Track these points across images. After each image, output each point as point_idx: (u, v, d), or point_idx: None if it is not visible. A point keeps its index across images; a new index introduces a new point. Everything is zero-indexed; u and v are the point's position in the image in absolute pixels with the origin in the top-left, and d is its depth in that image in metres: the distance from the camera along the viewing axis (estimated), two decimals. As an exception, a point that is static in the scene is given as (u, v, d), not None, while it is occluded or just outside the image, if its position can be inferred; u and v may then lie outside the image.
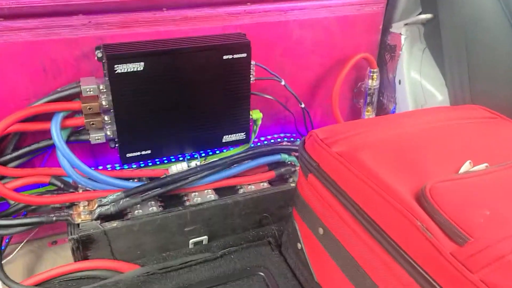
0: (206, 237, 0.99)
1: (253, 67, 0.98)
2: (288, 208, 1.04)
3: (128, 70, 0.86)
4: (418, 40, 1.19)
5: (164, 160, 1.07)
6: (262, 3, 1.04)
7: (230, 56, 0.93)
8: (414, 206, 0.57)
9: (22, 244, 1.04)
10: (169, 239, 0.96)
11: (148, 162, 1.05)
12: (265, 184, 1.06)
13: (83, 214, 0.91)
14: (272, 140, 1.23)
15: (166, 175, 0.98)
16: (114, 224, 0.90)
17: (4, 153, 0.92)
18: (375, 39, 1.23)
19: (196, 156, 1.04)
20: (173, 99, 0.93)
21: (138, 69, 0.86)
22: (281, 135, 1.24)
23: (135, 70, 0.86)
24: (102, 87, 0.88)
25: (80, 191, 0.95)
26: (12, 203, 0.93)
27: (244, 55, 0.95)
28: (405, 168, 0.65)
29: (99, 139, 0.93)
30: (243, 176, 1.05)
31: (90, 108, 0.89)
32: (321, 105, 1.25)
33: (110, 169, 1.06)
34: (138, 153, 0.96)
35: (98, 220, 0.90)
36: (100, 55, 0.88)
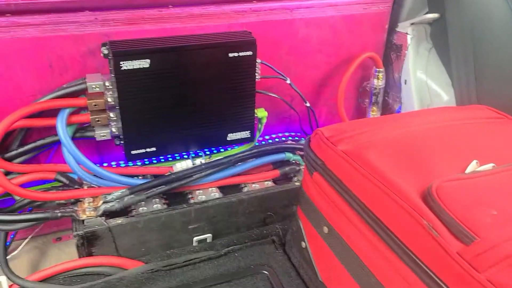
0: (210, 235, 0.99)
1: (258, 65, 0.98)
2: (292, 207, 1.04)
3: (134, 67, 0.86)
4: (425, 40, 1.19)
5: (169, 157, 1.07)
6: (268, 1, 1.04)
7: (235, 54, 0.93)
8: (421, 205, 0.57)
9: (27, 240, 1.05)
10: (173, 237, 0.96)
11: (153, 160, 1.05)
12: (269, 182, 1.06)
13: (88, 210, 0.91)
14: (276, 139, 1.22)
15: (171, 172, 0.98)
16: (119, 220, 0.90)
17: (10, 149, 0.92)
18: (381, 39, 1.22)
19: (201, 154, 1.04)
20: (178, 96, 0.93)
21: (144, 66, 0.86)
22: (285, 134, 1.24)
23: (141, 67, 0.86)
24: (108, 83, 0.88)
25: (85, 188, 0.95)
26: (17, 198, 0.93)
27: (250, 53, 0.94)
28: (411, 167, 0.65)
29: (104, 135, 0.93)
30: (247, 174, 1.05)
31: (95, 105, 0.89)
32: (326, 104, 1.24)
33: (115, 166, 1.06)
34: (143, 150, 0.96)
35: (102, 217, 0.91)
36: (106, 52, 0.88)
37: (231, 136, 1.03)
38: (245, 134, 1.05)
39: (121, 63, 0.85)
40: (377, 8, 1.17)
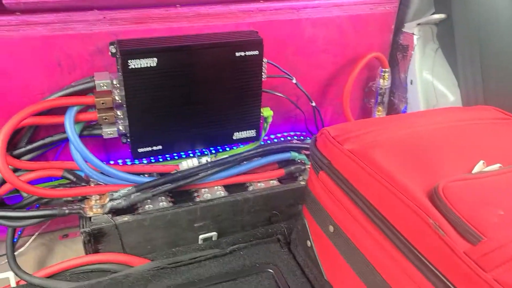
0: (216, 233, 1.00)
1: (264, 64, 0.98)
2: (297, 206, 1.05)
3: (142, 66, 0.86)
4: (431, 40, 1.19)
5: (175, 156, 1.08)
6: (275, 1, 1.04)
7: (242, 53, 0.94)
8: (427, 204, 0.57)
9: (34, 237, 1.06)
10: (179, 235, 0.96)
11: (159, 158, 1.06)
12: (274, 181, 1.06)
13: (94, 207, 0.91)
14: (282, 138, 1.23)
15: (177, 171, 0.98)
16: (125, 218, 0.91)
17: (18, 146, 0.93)
18: (387, 39, 1.22)
19: (207, 153, 1.05)
20: (185, 95, 0.93)
21: (151, 64, 0.87)
22: (291, 133, 1.25)
23: (148, 65, 0.87)
24: (115, 82, 0.89)
25: (92, 185, 0.96)
26: (25, 195, 0.94)
27: (256, 52, 0.95)
28: (417, 167, 0.65)
29: (111, 133, 0.94)
30: (253, 173, 1.06)
31: (103, 103, 0.90)
32: (332, 104, 1.25)
33: (121, 164, 1.06)
34: (150, 148, 0.97)
35: (109, 214, 0.91)
36: (114, 51, 0.89)
37: (237, 135, 1.04)
38: (251, 133, 1.05)
39: (128, 61, 0.85)
40: (383, 9, 1.17)
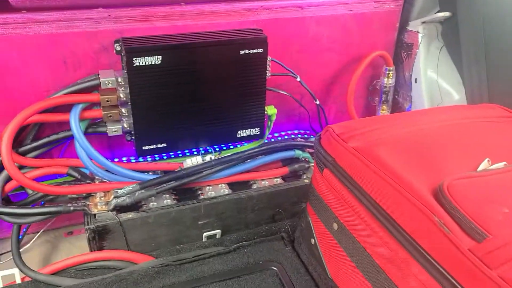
0: (220, 231, 1.00)
1: (269, 62, 0.99)
2: (301, 204, 1.05)
3: (146, 63, 0.87)
4: (436, 39, 1.18)
5: (179, 153, 1.08)
6: (279, -1, 1.04)
7: (246, 51, 0.94)
8: (432, 202, 0.57)
9: (39, 234, 1.06)
10: (183, 232, 0.97)
11: (163, 156, 1.06)
12: (278, 179, 1.07)
13: (99, 204, 0.92)
14: (286, 136, 1.23)
15: (181, 168, 0.98)
16: (130, 215, 0.91)
17: (23, 143, 0.93)
18: (392, 37, 1.22)
19: (211, 151, 1.05)
20: (189, 92, 0.94)
21: (156, 62, 0.87)
22: (295, 131, 1.25)
23: (152, 63, 0.87)
24: (120, 79, 0.89)
25: (96, 182, 0.96)
26: (30, 192, 0.94)
27: (261, 50, 0.95)
28: (422, 165, 0.65)
29: (116, 131, 0.94)
30: (257, 171, 1.06)
31: (108, 101, 0.91)
32: (336, 102, 1.25)
33: (126, 161, 1.07)
34: (154, 146, 0.97)
35: (114, 211, 0.92)
36: (118, 48, 0.89)
37: (241, 133, 1.04)
38: (255, 131, 1.05)
39: (133, 59, 0.86)
40: (388, 7, 1.17)
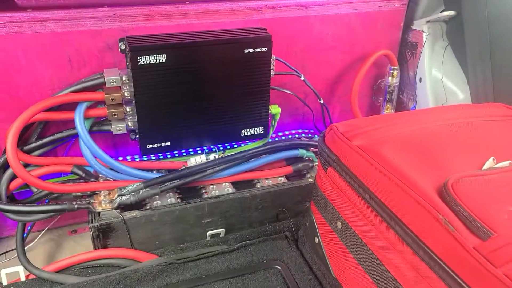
0: (223, 229, 1.00)
1: (273, 61, 0.99)
2: (305, 203, 1.05)
3: (151, 62, 0.87)
4: (440, 38, 1.18)
5: (183, 152, 1.08)
6: (284, -2, 1.04)
7: (250, 50, 0.94)
8: (437, 200, 0.57)
9: (43, 232, 1.06)
10: (186, 231, 0.97)
11: (167, 154, 1.06)
12: (282, 178, 1.07)
13: (103, 203, 0.92)
14: (290, 136, 1.23)
15: (185, 167, 0.99)
16: (134, 213, 0.91)
17: (28, 141, 0.94)
18: (396, 36, 1.22)
19: (215, 149, 1.05)
20: (193, 91, 0.94)
21: (160, 61, 0.87)
22: (299, 130, 1.24)
23: (157, 62, 0.87)
24: (125, 78, 0.90)
25: (101, 181, 0.96)
26: (35, 190, 0.95)
27: (265, 49, 0.95)
28: (426, 163, 0.65)
29: (120, 129, 0.94)
30: (260, 170, 1.06)
31: (112, 99, 0.91)
32: (340, 101, 1.24)
33: (130, 160, 1.07)
34: (158, 144, 0.97)
35: (118, 209, 0.92)
36: (123, 47, 0.90)
37: (245, 132, 1.04)
38: (259, 130, 1.05)
39: (138, 58, 0.86)
40: (392, 6, 1.16)
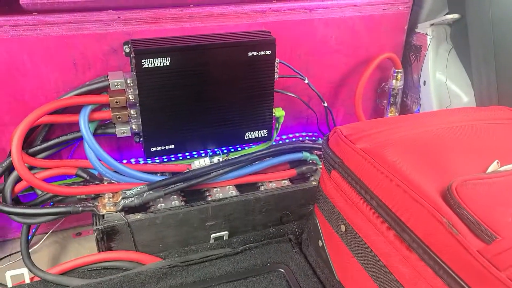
0: (227, 232, 1.00)
1: (277, 64, 0.99)
2: (308, 206, 1.04)
3: (155, 65, 0.87)
4: (444, 41, 1.18)
5: (187, 155, 1.09)
6: (287, 1, 1.05)
7: (254, 53, 0.94)
8: (440, 203, 0.57)
9: (48, 235, 1.07)
10: (190, 233, 0.97)
11: (171, 157, 1.07)
12: (286, 181, 1.07)
13: (108, 205, 0.92)
14: (294, 139, 1.23)
15: (189, 170, 0.99)
16: (138, 216, 0.91)
17: (33, 144, 0.94)
18: (400, 39, 1.22)
19: (219, 152, 1.05)
20: (197, 94, 0.94)
21: (165, 64, 0.88)
22: (303, 133, 1.24)
23: (161, 65, 0.88)
24: (129, 81, 0.90)
25: (105, 183, 0.97)
26: (40, 193, 0.95)
27: (269, 52, 0.95)
28: (430, 166, 0.65)
29: (124, 132, 0.95)
30: (264, 173, 1.06)
31: (117, 102, 0.91)
32: (344, 104, 1.24)
33: (134, 162, 1.07)
34: (162, 147, 0.97)
35: (122, 212, 0.92)
36: (128, 50, 0.90)
37: (249, 135, 1.04)
38: (262, 133, 1.05)
39: (142, 61, 0.86)
40: (396, 9, 1.16)
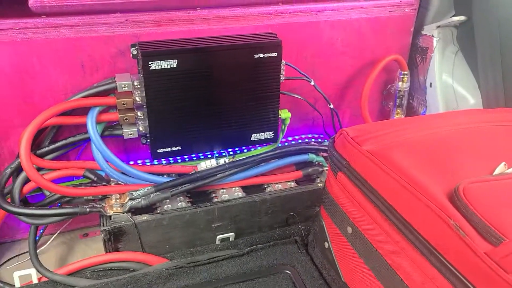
0: (233, 233, 1.00)
1: (283, 66, 0.99)
2: (315, 208, 1.04)
3: (162, 67, 0.88)
4: (451, 43, 1.18)
5: (193, 157, 1.09)
6: (294, 4, 1.05)
7: (261, 55, 0.94)
8: (447, 205, 0.57)
9: (55, 235, 1.08)
10: (197, 235, 0.97)
11: (178, 159, 1.07)
12: (292, 183, 1.07)
13: (115, 206, 0.93)
14: (300, 140, 1.23)
15: (195, 171, 0.99)
16: (144, 217, 0.92)
17: (41, 145, 0.95)
18: (406, 41, 1.21)
19: (225, 154, 1.06)
20: (204, 96, 0.95)
21: (172, 66, 0.88)
22: (309, 135, 1.24)
23: (168, 67, 0.88)
24: (136, 83, 0.91)
25: (112, 185, 0.97)
26: (47, 194, 0.96)
27: (275, 54, 0.96)
28: (437, 168, 0.65)
29: (131, 134, 0.96)
30: (270, 175, 1.06)
31: (124, 104, 0.92)
32: (350, 106, 1.24)
33: (141, 164, 1.08)
34: (169, 149, 0.98)
35: (129, 213, 0.93)
36: (135, 52, 0.91)
37: (255, 137, 1.04)
38: (268, 135, 1.05)
39: (149, 63, 0.87)
40: (402, 11, 1.16)
